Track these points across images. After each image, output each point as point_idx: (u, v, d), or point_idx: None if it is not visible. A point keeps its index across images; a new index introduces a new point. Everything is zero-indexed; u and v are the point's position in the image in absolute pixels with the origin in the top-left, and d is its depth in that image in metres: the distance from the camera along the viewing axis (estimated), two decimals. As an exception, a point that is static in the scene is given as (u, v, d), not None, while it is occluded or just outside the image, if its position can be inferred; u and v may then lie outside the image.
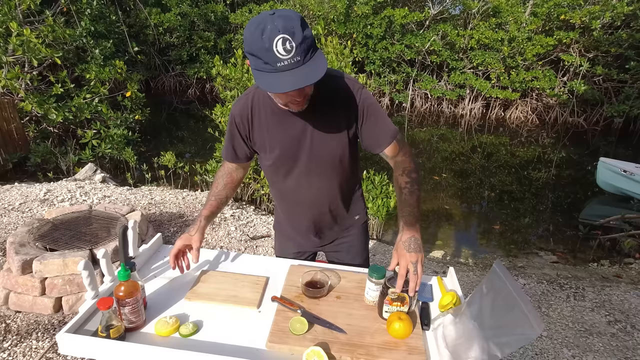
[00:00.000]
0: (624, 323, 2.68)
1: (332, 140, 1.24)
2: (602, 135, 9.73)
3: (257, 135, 1.27)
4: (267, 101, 1.21)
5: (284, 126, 1.22)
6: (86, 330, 1.07)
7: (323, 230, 1.48)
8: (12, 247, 2.35)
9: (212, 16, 10.69)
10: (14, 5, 5.17)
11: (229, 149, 1.35)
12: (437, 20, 10.60)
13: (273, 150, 1.26)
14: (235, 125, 1.28)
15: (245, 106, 1.25)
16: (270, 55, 0.93)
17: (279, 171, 1.32)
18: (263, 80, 0.98)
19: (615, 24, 9.34)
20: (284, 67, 0.94)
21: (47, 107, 5.29)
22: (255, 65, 0.99)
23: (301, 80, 0.95)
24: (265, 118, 1.24)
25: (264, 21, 0.93)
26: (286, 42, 0.92)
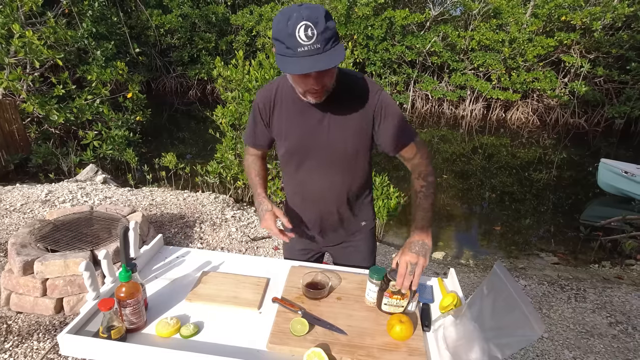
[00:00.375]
0: (625, 324, 2.68)
1: (347, 135, 1.27)
2: (603, 137, 9.72)
3: (276, 121, 1.32)
4: (290, 91, 1.26)
5: (303, 116, 1.27)
6: (87, 331, 1.07)
7: (327, 232, 1.47)
8: (13, 248, 2.36)
9: (213, 17, 10.72)
10: (16, 7, 5.19)
11: (250, 134, 1.42)
12: (438, 22, 10.61)
13: (289, 137, 1.31)
14: (258, 111, 1.33)
15: (269, 93, 1.30)
16: (293, 40, 0.99)
17: (292, 160, 1.34)
18: (283, 64, 1.03)
19: (616, 25, 9.34)
20: (304, 52, 1.00)
21: (49, 108, 5.31)
22: (279, 50, 1.05)
23: (318, 65, 1.01)
24: (286, 106, 1.29)
25: (291, 10, 1.01)
26: (308, 29, 0.98)
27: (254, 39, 10.84)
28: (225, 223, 3.72)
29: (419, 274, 1.09)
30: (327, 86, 1.15)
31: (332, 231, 1.47)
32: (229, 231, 3.57)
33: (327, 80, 1.13)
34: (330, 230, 1.47)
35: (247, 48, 10.81)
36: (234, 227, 3.66)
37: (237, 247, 3.36)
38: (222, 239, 3.45)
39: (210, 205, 4.07)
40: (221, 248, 3.31)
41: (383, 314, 1.18)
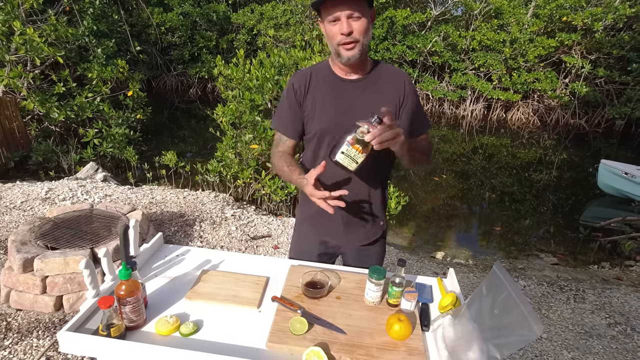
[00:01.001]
0: (624, 325, 2.68)
1: None
2: (604, 137, 9.72)
3: (309, 100, 1.35)
4: (326, 73, 1.35)
5: (337, 95, 1.32)
6: (87, 328, 1.07)
7: (352, 226, 1.44)
8: (13, 246, 2.36)
9: (214, 16, 10.71)
10: (17, 4, 5.18)
11: (281, 119, 1.42)
12: (439, 21, 10.60)
13: (323, 115, 1.33)
14: (293, 91, 1.36)
15: (305, 74, 1.36)
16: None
17: (324, 140, 1.34)
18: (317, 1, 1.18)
19: (617, 26, 9.34)
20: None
21: (49, 106, 5.31)
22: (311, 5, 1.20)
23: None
24: (321, 86, 1.34)
25: None
26: None
27: (255, 37, 10.84)
28: (225, 222, 3.72)
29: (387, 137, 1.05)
30: (357, 37, 1.21)
31: (359, 225, 1.44)
32: (228, 230, 3.58)
33: (357, 28, 1.20)
34: (357, 223, 1.43)
35: (248, 47, 10.81)
36: (233, 225, 3.66)
37: (237, 245, 3.36)
38: (221, 237, 3.45)
39: (210, 203, 4.08)
40: (221, 247, 3.32)
41: (381, 314, 1.18)
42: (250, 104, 4.24)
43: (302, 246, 1.55)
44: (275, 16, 10.27)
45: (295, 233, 1.59)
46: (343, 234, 1.46)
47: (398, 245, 4.19)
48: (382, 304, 1.23)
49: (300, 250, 1.54)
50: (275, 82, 4.24)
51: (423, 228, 4.76)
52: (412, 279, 1.40)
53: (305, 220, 1.52)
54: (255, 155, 4.34)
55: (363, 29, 1.21)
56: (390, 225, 4.54)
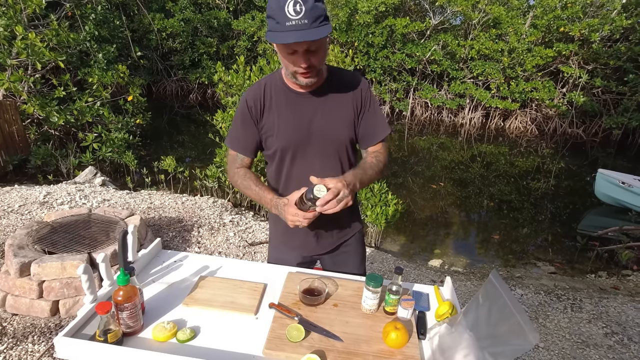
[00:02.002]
0: (621, 335, 2.68)
1: (339, 124, 1.30)
2: (601, 147, 9.77)
3: (266, 117, 1.31)
4: (279, 86, 1.31)
5: (295, 108, 1.29)
6: (84, 334, 1.07)
7: (322, 235, 1.46)
8: (10, 250, 2.36)
9: (215, 22, 10.79)
10: (20, 9, 5.22)
11: (236, 138, 1.39)
12: (438, 30, 10.70)
13: (282, 131, 1.30)
14: (247, 109, 1.32)
15: (258, 90, 1.32)
16: (282, 15, 1.05)
17: (287, 155, 1.33)
18: (272, 36, 1.09)
19: (614, 37, 9.45)
20: (292, 26, 1.06)
21: (49, 110, 5.32)
22: (270, 26, 1.11)
23: (301, 36, 1.05)
24: (277, 101, 1.31)
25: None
26: (297, 5, 1.04)
27: (255, 44, 10.92)
28: (223, 227, 3.72)
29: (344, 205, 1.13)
30: (315, 66, 1.17)
31: (327, 233, 1.46)
32: (226, 236, 3.57)
33: (315, 60, 1.16)
34: (326, 232, 1.45)
35: (248, 53, 10.88)
36: (231, 231, 3.66)
37: (235, 251, 3.36)
38: (219, 243, 3.45)
39: (209, 209, 4.08)
40: (219, 252, 3.31)
41: (378, 322, 1.18)
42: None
43: (280, 255, 1.55)
44: (276, 23, 10.33)
45: (271, 246, 1.60)
46: (314, 245, 1.48)
47: (395, 253, 4.19)
48: (379, 312, 1.23)
49: (279, 258, 1.54)
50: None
51: (421, 235, 4.76)
52: (409, 286, 1.40)
53: (277, 237, 1.54)
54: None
55: (321, 58, 1.18)
56: (387, 232, 4.54)
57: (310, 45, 1.12)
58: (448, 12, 10.35)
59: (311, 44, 1.12)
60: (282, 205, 1.25)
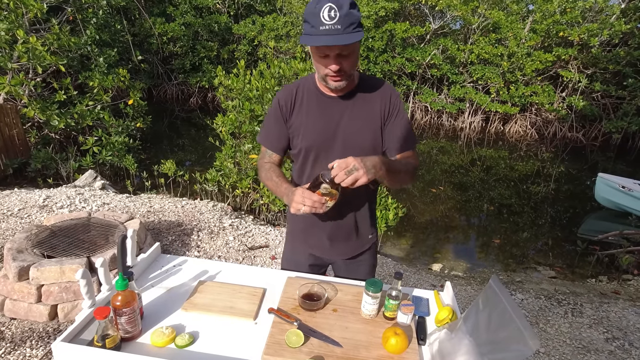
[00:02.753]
0: (622, 340, 2.67)
1: (364, 130, 1.31)
2: (601, 151, 9.78)
3: (295, 117, 1.35)
4: (311, 89, 1.34)
5: (323, 110, 1.32)
6: (82, 339, 1.07)
7: (339, 240, 1.45)
8: (9, 253, 2.35)
9: (216, 27, 10.83)
10: (21, 14, 5.24)
11: (266, 134, 1.42)
12: (438, 35, 10.75)
13: (308, 131, 1.33)
14: (279, 107, 1.36)
15: (291, 91, 1.36)
16: (316, 19, 1.10)
17: (310, 155, 1.35)
18: (306, 39, 1.14)
19: (613, 41, 9.49)
20: (325, 31, 1.10)
21: (50, 114, 5.33)
22: (305, 29, 1.15)
23: (333, 41, 1.10)
24: (307, 102, 1.34)
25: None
26: (331, 11, 1.08)
27: (256, 48, 10.96)
28: (222, 231, 3.72)
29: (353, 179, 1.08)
30: (345, 71, 1.20)
31: (343, 240, 1.45)
32: (226, 240, 3.57)
33: (346, 65, 1.19)
34: (342, 239, 1.45)
35: (248, 57, 10.92)
36: (231, 235, 3.66)
37: (234, 255, 3.35)
38: (219, 247, 3.44)
39: (208, 213, 4.07)
40: (218, 256, 3.30)
41: (378, 327, 1.17)
42: (250, 114, 4.27)
43: (292, 257, 1.57)
44: (276, 28, 10.40)
45: (286, 244, 1.61)
46: (328, 248, 1.48)
47: (395, 257, 4.18)
48: (379, 317, 1.23)
49: (291, 260, 1.57)
50: (275, 92, 4.27)
51: (421, 240, 4.75)
52: (409, 291, 1.40)
53: (294, 234, 1.55)
54: (254, 165, 4.36)
55: (352, 63, 1.21)
56: (387, 236, 4.53)
57: (341, 49, 1.15)
58: (448, 17, 10.39)
59: (343, 49, 1.15)
60: (293, 191, 1.23)
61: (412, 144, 1.36)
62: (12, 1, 5.05)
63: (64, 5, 6.43)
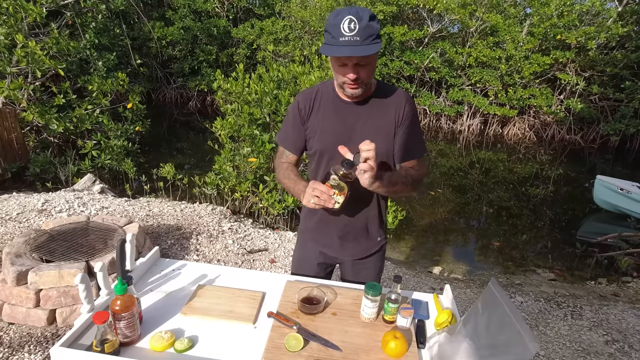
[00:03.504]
0: (622, 343, 2.67)
1: (377, 136, 1.32)
2: (599, 153, 9.81)
3: (313, 119, 1.39)
4: (330, 93, 1.38)
5: (339, 115, 1.36)
6: (80, 344, 1.07)
7: (349, 241, 1.48)
8: (7, 258, 2.34)
9: (215, 30, 10.87)
10: (20, 18, 5.25)
11: (285, 136, 1.47)
12: (436, 38, 10.80)
13: (324, 134, 1.37)
14: (297, 110, 1.40)
15: (310, 94, 1.41)
16: (337, 31, 1.14)
17: (323, 158, 1.39)
18: (325, 49, 1.19)
19: (610, 44, 9.54)
20: (344, 42, 1.14)
21: (49, 118, 5.33)
22: (325, 39, 1.20)
23: (352, 51, 1.14)
24: (324, 106, 1.38)
25: (344, 9, 1.17)
26: (351, 23, 1.13)
27: (255, 52, 10.99)
28: (222, 235, 3.71)
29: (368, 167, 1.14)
30: (362, 79, 1.24)
31: (353, 241, 1.48)
32: (225, 243, 3.56)
33: (363, 74, 1.23)
34: (352, 239, 1.48)
35: (247, 61, 10.95)
36: (230, 239, 3.65)
37: (234, 259, 3.34)
38: (218, 251, 3.44)
39: (208, 216, 4.07)
40: (217, 260, 3.30)
41: (377, 330, 1.17)
42: (249, 118, 4.28)
43: (302, 254, 1.61)
44: (275, 31, 10.44)
45: (297, 242, 1.66)
46: (338, 247, 1.51)
47: (395, 260, 4.18)
48: (378, 321, 1.22)
49: (302, 257, 1.60)
50: (273, 96, 4.28)
51: (420, 242, 4.75)
52: (408, 295, 1.40)
53: (305, 232, 1.59)
54: (253, 168, 4.36)
55: (369, 72, 1.24)
56: (388, 240, 4.53)
57: (359, 59, 1.19)
58: (446, 20, 10.45)
59: (360, 59, 1.19)
60: (306, 185, 1.26)
61: (419, 153, 1.40)
62: (12, 5, 5.06)
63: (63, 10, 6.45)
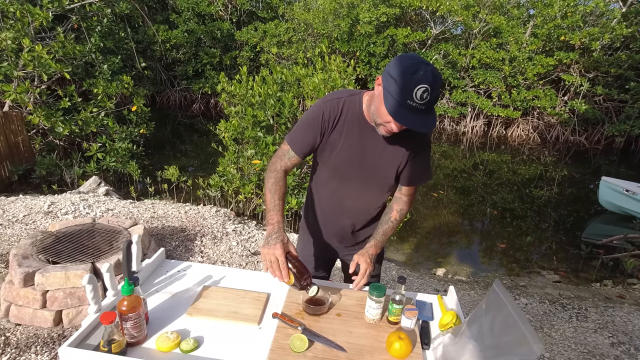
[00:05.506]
0: (628, 345, 2.65)
1: (393, 162, 1.36)
2: (604, 154, 9.75)
3: (335, 134, 1.36)
4: (355, 110, 1.35)
5: (362, 137, 1.35)
6: (88, 344, 1.08)
7: (348, 241, 1.57)
8: (15, 259, 2.37)
9: (218, 33, 10.93)
10: (27, 22, 5.31)
11: (297, 138, 1.39)
12: (439, 40, 10.79)
13: (342, 152, 1.36)
14: (322, 117, 1.34)
15: (337, 106, 1.35)
16: (408, 93, 1.08)
17: (337, 174, 1.40)
18: (389, 103, 1.12)
19: (614, 45, 9.49)
20: (410, 106, 1.10)
21: (54, 120, 5.38)
22: (389, 88, 1.12)
23: (415, 125, 1.12)
24: (349, 124, 1.35)
25: (420, 65, 1.09)
26: (425, 93, 1.08)
27: (258, 54, 11.04)
28: (226, 237, 3.73)
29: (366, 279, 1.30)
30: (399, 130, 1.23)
31: (352, 244, 1.57)
32: (229, 245, 3.58)
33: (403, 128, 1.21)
34: (351, 240, 1.56)
35: (251, 63, 10.99)
36: (234, 240, 3.66)
37: (238, 261, 3.35)
38: (222, 252, 3.45)
39: (212, 218, 4.08)
40: (222, 262, 3.31)
41: (382, 332, 1.18)
42: (253, 120, 4.30)
43: (305, 252, 1.64)
44: (278, 34, 10.48)
45: (300, 237, 1.71)
46: (339, 246, 1.59)
47: (399, 262, 4.17)
48: (383, 322, 1.23)
49: (303, 254, 1.64)
50: (277, 98, 4.30)
51: (424, 244, 4.74)
52: (413, 296, 1.40)
53: (306, 229, 1.64)
54: (257, 170, 4.37)
55: None
56: (390, 241, 4.53)
57: None
58: (449, 22, 10.44)
59: None
60: (275, 237, 1.24)
61: (422, 181, 1.42)
62: (19, 10, 5.12)
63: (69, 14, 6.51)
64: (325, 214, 1.52)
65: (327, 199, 1.50)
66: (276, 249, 1.20)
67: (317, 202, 1.53)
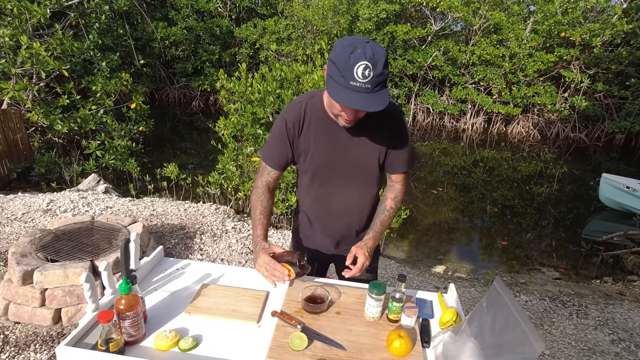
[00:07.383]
0: (628, 342, 2.65)
1: (371, 153, 1.33)
2: (604, 151, 9.74)
3: (302, 140, 1.34)
4: (318, 110, 1.32)
5: (330, 135, 1.32)
6: (86, 343, 1.07)
7: (343, 243, 1.52)
8: (13, 258, 2.36)
9: (218, 30, 10.88)
10: (25, 19, 5.28)
11: (269, 153, 1.40)
12: (439, 36, 10.75)
13: (316, 155, 1.34)
14: (285, 130, 1.33)
15: (298, 112, 1.33)
16: (349, 73, 1.05)
17: (317, 177, 1.38)
18: (332, 88, 1.10)
19: (615, 41, 9.46)
20: (355, 87, 1.07)
21: (53, 118, 5.36)
22: (332, 73, 1.10)
23: (362, 105, 1.08)
24: (314, 125, 1.33)
25: (358, 43, 1.06)
26: (366, 70, 1.04)
27: (257, 51, 11.00)
28: (225, 234, 3.72)
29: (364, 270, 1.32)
30: (358, 118, 1.22)
31: (346, 244, 1.51)
32: (229, 242, 3.57)
33: (361, 113, 1.21)
34: (347, 242, 1.51)
35: (250, 60, 10.96)
36: (234, 238, 3.66)
37: (237, 258, 3.35)
38: (222, 250, 3.44)
39: (211, 216, 4.08)
40: (221, 259, 3.30)
41: (381, 330, 1.17)
42: (252, 117, 4.28)
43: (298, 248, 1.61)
44: (278, 31, 10.44)
45: (293, 239, 1.68)
46: (332, 249, 1.54)
47: (399, 259, 4.17)
48: (382, 320, 1.22)
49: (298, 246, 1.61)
50: (276, 95, 4.28)
51: (424, 242, 4.74)
52: (413, 294, 1.39)
53: (298, 232, 1.61)
54: (257, 167, 4.36)
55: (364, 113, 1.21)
56: (390, 238, 4.52)
57: None
58: (449, 19, 10.40)
59: None
60: (258, 249, 1.28)
61: (408, 167, 1.40)
62: (16, 7, 5.09)
63: (67, 11, 6.48)
64: (315, 221, 1.49)
65: (312, 204, 1.47)
66: (262, 257, 1.24)
67: (306, 210, 1.51)
